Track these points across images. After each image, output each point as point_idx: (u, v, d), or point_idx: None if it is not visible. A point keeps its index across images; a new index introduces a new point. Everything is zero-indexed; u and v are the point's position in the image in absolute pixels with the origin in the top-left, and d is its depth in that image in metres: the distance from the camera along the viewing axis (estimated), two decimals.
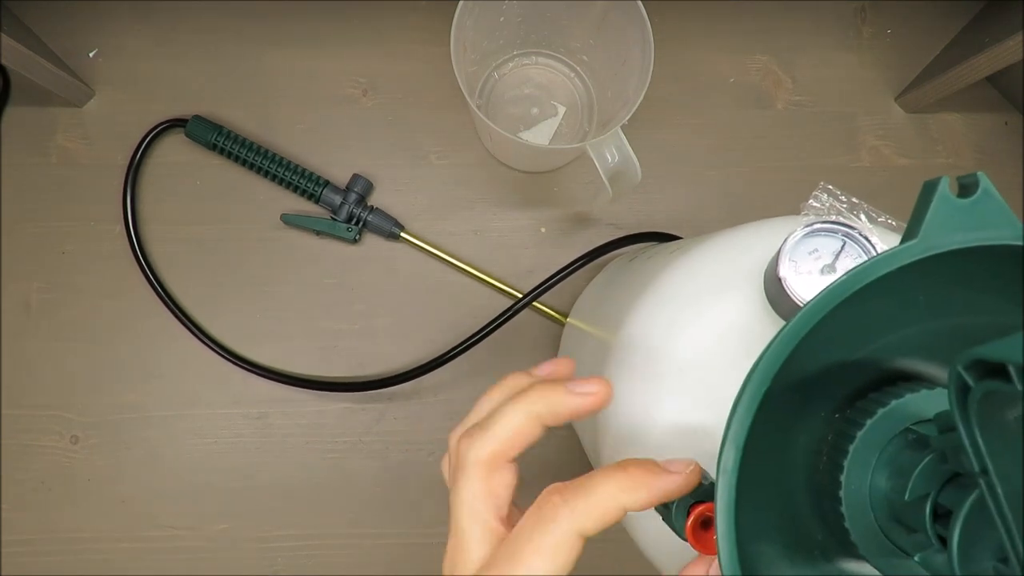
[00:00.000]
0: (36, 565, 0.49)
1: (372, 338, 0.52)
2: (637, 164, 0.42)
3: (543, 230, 0.54)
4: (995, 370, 0.11)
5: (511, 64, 0.54)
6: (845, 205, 0.26)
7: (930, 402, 0.16)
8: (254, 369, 0.51)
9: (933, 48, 0.55)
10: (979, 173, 0.15)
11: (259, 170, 0.52)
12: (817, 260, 0.22)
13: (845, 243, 0.22)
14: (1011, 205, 0.49)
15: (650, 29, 0.42)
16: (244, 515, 0.50)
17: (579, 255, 0.51)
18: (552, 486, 0.20)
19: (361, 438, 0.51)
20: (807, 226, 0.22)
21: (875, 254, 0.22)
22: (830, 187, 0.24)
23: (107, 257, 0.52)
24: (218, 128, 0.51)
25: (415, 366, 0.51)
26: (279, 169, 0.51)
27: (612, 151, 0.42)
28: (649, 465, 0.20)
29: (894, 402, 0.16)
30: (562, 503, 0.19)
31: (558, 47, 0.53)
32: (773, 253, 0.23)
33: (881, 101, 0.56)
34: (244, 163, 0.51)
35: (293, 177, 0.51)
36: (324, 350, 0.52)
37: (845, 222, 0.22)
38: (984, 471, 0.12)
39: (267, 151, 0.51)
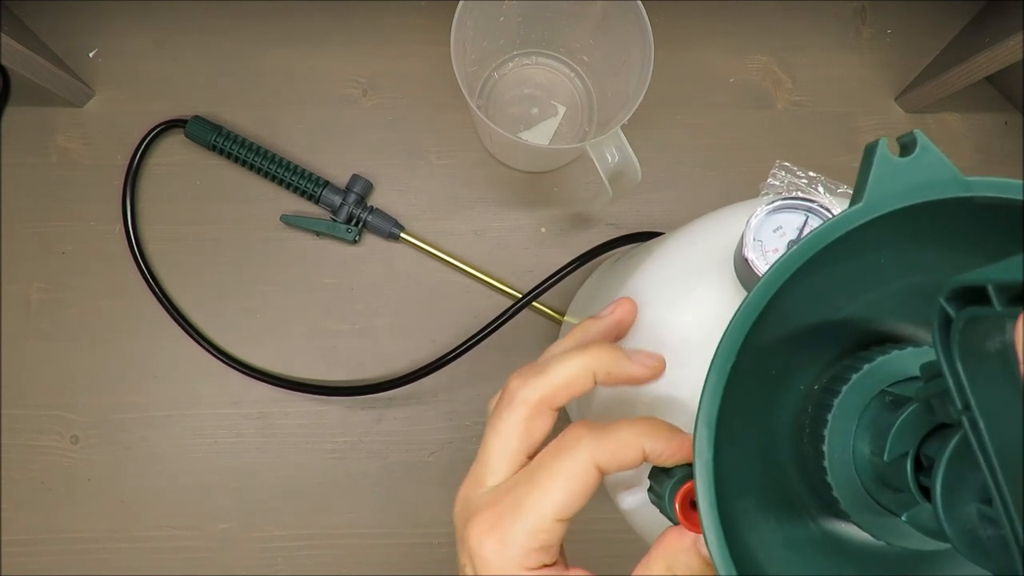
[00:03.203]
0: (36, 565, 0.50)
1: (372, 338, 0.52)
2: (637, 164, 0.42)
3: (543, 230, 0.54)
4: (976, 299, 0.11)
5: (511, 64, 0.54)
6: (804, 180, 0.26)
7: (903, 362, 0.16)
8: (252, 373, 0.51)
9: (933, 48, 0.55)
10: (916, 131, 0.15)
11: (259, 170, 0.52)
12: (782, 237, 0.22)
13: (808, 217, 0.22)
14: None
15: (650, 29, 0.42)
16: (244, 515, 0.50)
17: (579, 255, 0.51)
18: (579, 421, 0.21)
19: (361, 438, 0.51)
20: (768, 204, 0.22)
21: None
22: (787, 164, 0.25)
23: (107, 257, 0.52)
24: (218, 128, 0.51)
25: (415, 368, 0.51)
26: (279, 169, 0.51)
27: (612, 151, 0.42)
28: (674, 427, 0.21)
29: (867, 366, 0.16)
30: (586, 434, 0.20)
31: (558, 47, 0.53)
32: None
33: (881, 101, 0.56)
34: (244, 163, 0.51)
35: (293, 177, 0.51)
36: (324, 350, 0.52)
37: (805, 196, 0.22)
38: (967, 406, 0.12)
39: (267, 151, 0.51)
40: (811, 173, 0.25)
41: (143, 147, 0.52)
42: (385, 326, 0.52)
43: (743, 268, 0.23)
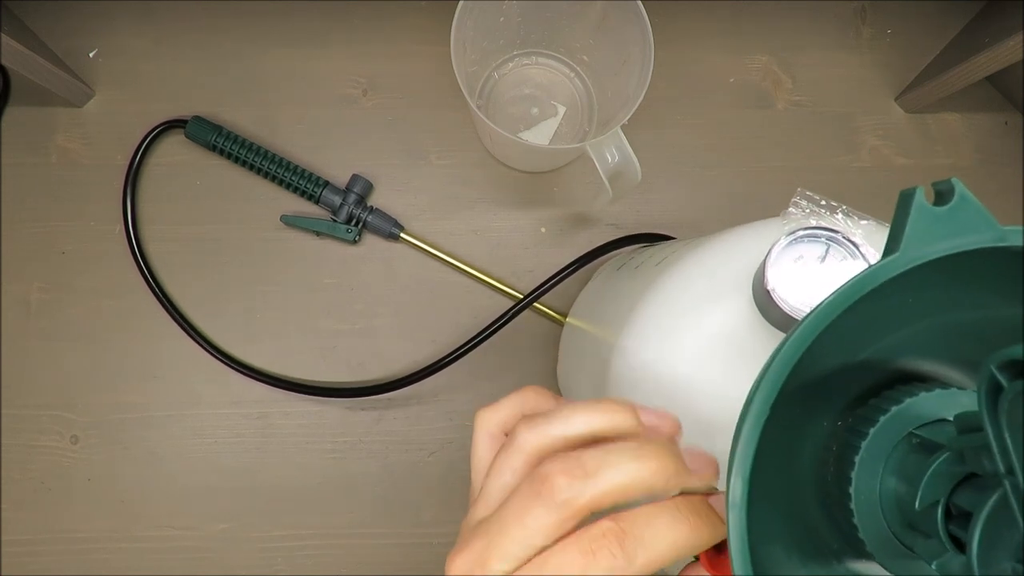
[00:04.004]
0: (36, 565, 0.49)
1: (372, 338, 0.52)
2: (637, 164, 0.42)
3: (543, 230, 0.54)
4: None
5: (511, 64, 0.54)
6: (824, 208, 0.25)
7: (931, 404, 0.16)
8: (251, 373, 0.50)
9: (933, 48, 0.55)
10: (953, 179, 0.15)
11: (259, 171, 0.52)
12: (804, 267, 0.22)
13: (829, 247, 0.22)
14: (1011, 205, 0.49)
15: (650, 29, 0.42)
16: (244, 515, 0.50)
17: (579, 255, 0.51)
18: (605, 526, 0.18)
19: (361, 438, 0.51)
20: (790, 234, 0.22)
21: (859, 256, 0.21)
22: (808, 192, 0.24)
23: (107, 257, 0.52)
24: (218, 129, 0.51)
25: (414, 367, 0.51)
26: (279, 170, 0.51)
27: (612, 151, 0.42)
28: (705, 507, 0.18)
29: (895, 408, 0.16)
30: (620, 553, 0.17)
31: (558, 47, 0.53)
32: (760, 257, 0.23)
33: (881, 101, 0.56)
34: (244, 164, 0.51)
35: (293, 178, 0.51)
36: (324, 350, 0.52)
37: (827, 226, 0.22)
38: (1011, 471, 0.12)
39: (267, 151, 0.51)
40: (832, 202, 0.25)
41: (143, 147, 0.52)
42: (385, 326, 0.52)
43: (763, 297, 0.22)
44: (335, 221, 0.51)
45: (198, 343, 0.51)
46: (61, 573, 0.49)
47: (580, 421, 0.20)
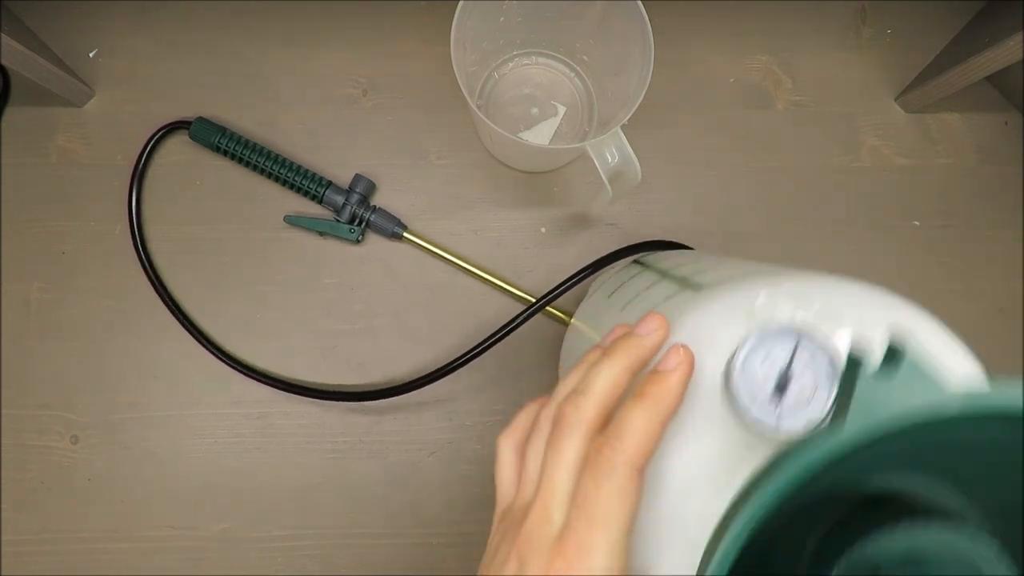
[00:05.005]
0: (36, 565, 0.49)
1: (373, 339, 0.52)
2: (637, 164, 0.42)
3: (543, 230, 0.54)
4: None
5: (511, 64, 0.54)
6: (789, 304, 0.24)
7: (898, 543, 0.16)
8: (252, 374, 0.50)
9: (933, 48, 0.55)
10: (902, 343, 0.15)
11: (262, 171, 0.52)
12: (772, 367, 0.21)
13: (798, 342, 0.21)
14: (1011, 205, 0.49)
15: (650, 29, 0.42)
16: (244, 515, 0.50)
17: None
18: (598, 437, 0.22)
19: (361, 438, 0.51)
20: (753, 336, 0.21)
21: (826, 354, 0.21)
22: (767, 291, 0.23)
23: (107, 257, 0.52)
24: (222, 130, 0.51)
25: (415, 369, 0.51)
26: (282, 170, 0.51)
27: (612, 151, 0.42)
28: (650, 375, 0.22)
29: (860, 547, 0.16)
30: (609, 451, 0.21)
31: (558, 47, 0.53)
32: (733, 346, 0.22)
33: (881, 101, 0.56)
34: (247, 164, 0.52)
35: (296, 178, 0.51)
36: (324, 350, 0.52)
37: (790, 325, 0.21)
38: None
39: (270, 152, 0.51)
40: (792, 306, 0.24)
41: (148, 148, 0.52)
42: (386, 326, 0.52)
43: (732, 401, 0.22)
44: (338, 221, 0.51)
45: (199, 343, 0.51)
46: (61, 573, 0.49)
47: (573, 377, 0.25)
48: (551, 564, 0.21)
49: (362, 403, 0.51)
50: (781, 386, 0.21)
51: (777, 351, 0.21)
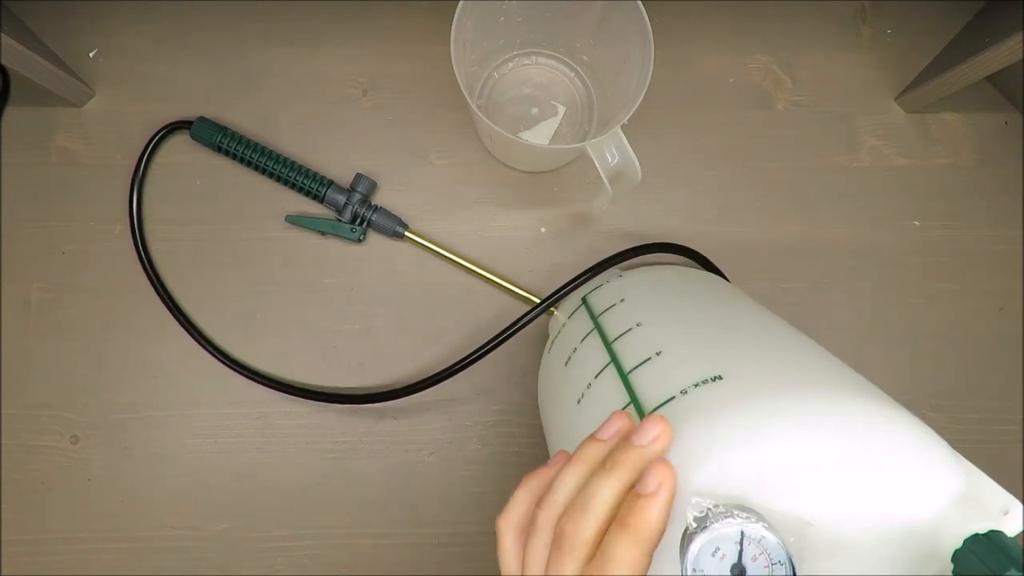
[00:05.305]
0: (36, 565, 0.50)
1: (373, 339, 0.52)
2: (637, 164, 0.42)
3: (543, 230, 0.54)
4: None
5: (511, 64, 0.54)
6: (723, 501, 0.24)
7: None
8: (252, 376, 0.50)
9: (933, 48, 0.55)
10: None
11: (263, 171, 0.52)
12: (723, 560, 0.21)
13: (742, 529, 0.21)
14: (1011, 205, 0.49)
15: (650, 29, 0.42)
16: (244, 515, 0.50)
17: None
18: (590, 570, 0.22)
19: (361, 438, 0.51)
20: (699, 529, 0.21)
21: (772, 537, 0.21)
22: (698, 498, 0.23)
23: (107, 257, 0.52)
24: (223, 129, 0.51)
25: (415, 370, 0.51)
26: (283, 169, 0.51)
27: (612, 151, 0.42)
28: (631, 500, 0.22)
29: None
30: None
31: (558, 47, 0.53)
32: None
33: (881, 101, 0.56)
34: (248, 164, 0.51)
35: (297, 177, 0.51)
36: (324, 350, 0.52)
37: (730, 513, 0.21)
38: None
39: (271, 151, 0.51)
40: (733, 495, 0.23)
41: (150, 148, 0.52)
42: (386, 326, 0.52)
43: None
44: (340, 220, 0.51)
45: (199, 343, 0.51)
46: (61, 573, 0.49)
47: (573, 480, 0.25)
48: None
49: (362, 404, 0.51)
50: None
51: (726, 545, 0.20)
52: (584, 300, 0.44)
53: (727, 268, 0.52)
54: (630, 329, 0.35)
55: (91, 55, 0.54)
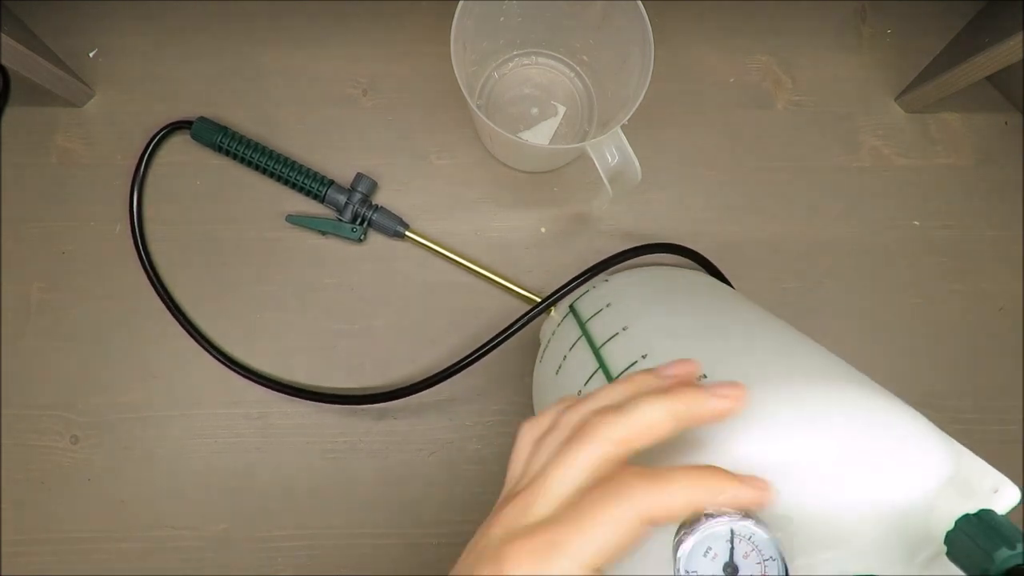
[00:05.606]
0: (36, 565, 0.49)
1: (372, 339, 0.52)
2: (637, 164, 0.42)
3: (543, 230, 0.54)
4: None
5: (511, 64, 0.54)
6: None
7: None
8: (252, 376, 0.50)
9: (933, 48, 0.55)
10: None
11: (264, 170, 0.52)
12: (715, 560, 0.20)
13: (732, 530, 0.20)
14: (1011, 205, 0.49)
15: (650, 29, 0.42)
16: (244, 515, 0.50)
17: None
18: (632, 467, 0.20)
19: (361, 438, 0.51)
20: (688, 530, 0.21)
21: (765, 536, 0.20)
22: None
23: (107, 257, 0.52)
24: (223, 129, 0.51)
25: (415, 371, 0.51)
26: (284, 169, 0.51)
27: (612, 151, 0.42)
28: (735, 475, 0.20)
29: None
30: (638, 484, 0.19)
31: (558, 47, 0.53)
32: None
33: (881, 101, 0.56)
34: (249, 163, 0.51)
35: (298, 177, 0.51)
36: (324, 350, 0.52)
37: (719, 512, 0.21)
38: None
39: (272, 151, 0.51)
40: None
41: (150, 148, 0.52)
42: (386, 327, 0.52)
43: None
44: (340, 220, 0.51)
45: (199, 343, 0.51)
46: (61, 573, 0.49)
47: (615, 392, 0.23)
48: (514, 547, 0.20)
49: (362, 404, 0.51)
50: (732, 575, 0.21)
51: (717, 545, 0.20)
52: (572, 308, 0.44)
53: (727, 268, 0.52)
54: (616, 334, 0.35)
55: (91, 55, 0.54)
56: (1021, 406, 0.53)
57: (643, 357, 0.31)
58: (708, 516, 0.20)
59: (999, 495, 0.23)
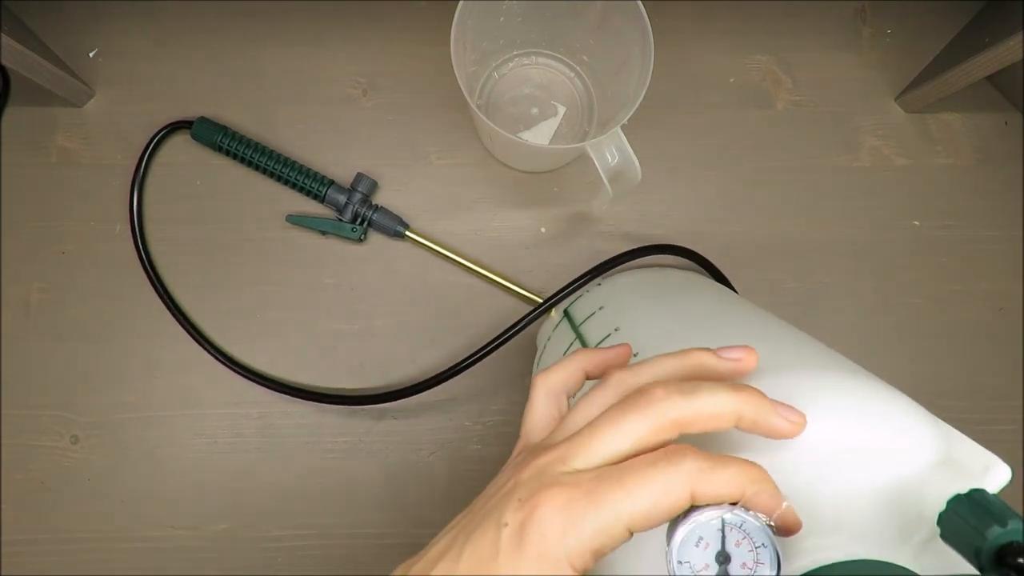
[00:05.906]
0: (36, 565, 0.49)
1: (372, 339, 0.52)
2: (637, 164, 0.42)
3: (543, 230, 0.54)
4: None
5: (511, 64, 0.54)
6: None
7: None
8: (252, 376, 0.50)
9: (933, 48, 0.55)
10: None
11: (264, 170, 0.52)
12: (707, 549, 0.20)
13: (723, 520, 0.20)
14: (1011, 205, 0.49)
15: (650, 29, 0.42)
16: (244, 515, 0.50)
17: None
18: (685, 444, 0.20)
19: (361, 438, 0.51)
20: (683, 522, 0.21)
21: (754, 521, 0.20)
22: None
23: (107, 257, 0.52)
24: (224, 129, 0.51)
25: (415, 371, 0.51)
26: (284, 169, 0.51)
27: (612, 151, 0.42)
28: (777, 490, 0.19)
29: None
30: (692, 456, 0.19)
31: (558, 47, 0.53)
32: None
33: (881, 101, 0.56)
34: (249, 163, 0.52)
35: (298, 177, 0.51)
36: (324, 350, 0.52)
37: (711, 505, 0.21)
38: None
39: (272, 151, 0.51)
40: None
41: (150, 148, 0.52)
42: (386, 327, 0.52)
43: None
44: (340, 220, 0.51)
45: (199, 343, 0.51)
46: (61, 573, 0.49)
47: (673, 364, 0.21)
48: (552, 492, 0.19)
49: (362, 404, 0.51)
50: (723, 566, 0.21)
51: (709, 534, 0.20)
52: (566, 312, 0.44)
53: (727, 268, 0.52)
54: (608, 335, 0.36)
55: (91, 55, 0.54)
56: (1021, 406, 0.53)
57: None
58: (698, 506, 0.20)
59: (990, 474, 0.23)
